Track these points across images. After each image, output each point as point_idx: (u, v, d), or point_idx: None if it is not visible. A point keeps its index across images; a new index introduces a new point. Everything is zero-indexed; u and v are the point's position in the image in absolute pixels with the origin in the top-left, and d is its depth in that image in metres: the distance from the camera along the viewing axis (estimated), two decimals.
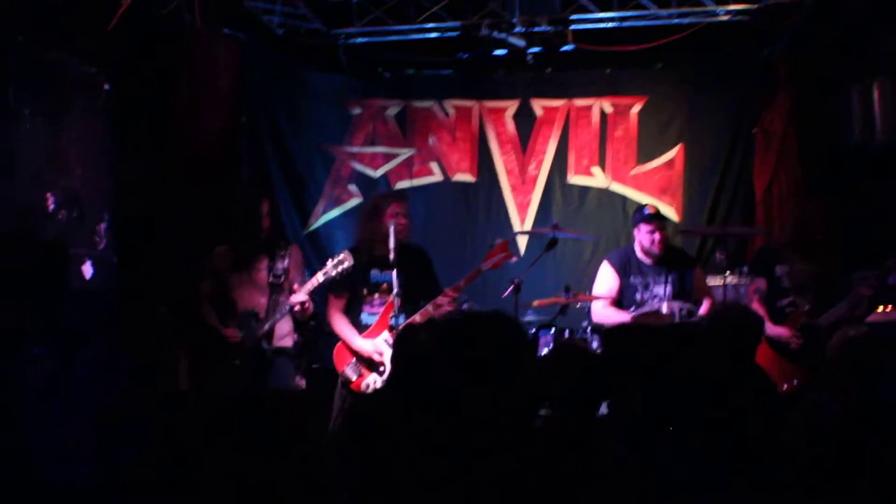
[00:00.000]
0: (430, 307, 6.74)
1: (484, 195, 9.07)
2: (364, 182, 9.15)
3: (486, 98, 9.10)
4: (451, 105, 9.12)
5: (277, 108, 9.08)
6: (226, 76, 8.52)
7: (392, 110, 9.18)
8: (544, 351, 7.20)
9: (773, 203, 8.49)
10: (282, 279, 6.81)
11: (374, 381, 6.75)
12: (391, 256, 6.56)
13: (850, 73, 8.14)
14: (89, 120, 7.34)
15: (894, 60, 7.78)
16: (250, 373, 6.62)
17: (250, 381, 6.61)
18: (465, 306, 7.75)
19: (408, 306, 6.75)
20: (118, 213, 7.41)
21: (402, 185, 9.09)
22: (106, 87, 7.45)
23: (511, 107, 9.05)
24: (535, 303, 7.37)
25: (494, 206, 9.03)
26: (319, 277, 6.66)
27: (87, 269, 7.09)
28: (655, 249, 7.23)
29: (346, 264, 6.63)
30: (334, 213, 9.15)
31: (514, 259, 7.31)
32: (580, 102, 8.96)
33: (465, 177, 9.10)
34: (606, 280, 7.44)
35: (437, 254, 7.42)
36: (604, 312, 7.31)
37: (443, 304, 6.78)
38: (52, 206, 6.88)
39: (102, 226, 7.27)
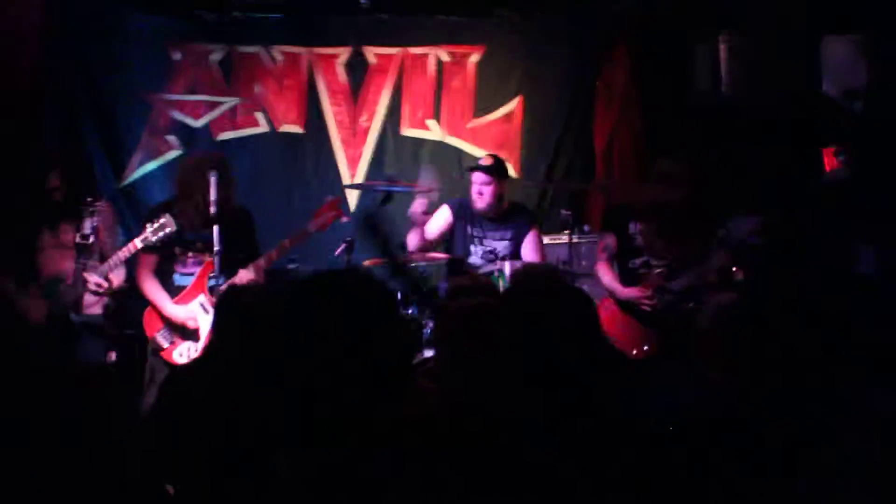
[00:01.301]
0: (250, 268, 6.17)
1: (312, 148, 8.51)
2: (184, 132, 8.48)
3: (316, 44, 8.52)
4: (279, 51, 8.52)
5: (90, 50, 8.33)
6: (28, 11, 7.76)
7: (215, 56, 8.51)
8: None
9: (613, 159, 8.18)
10: (90, 240, 6.16)
11: (188, 349, 6.18)
12: (211, 211, 5.97)
13: (696, 26, 7.86)
14: None
15: (740, 14, 7.57)
16: (54, 349, 5.96)
17: (54, 357, 5.86)
18: (291, 267, 7.25)
19: (226, 269, 6.12)
20: None
21: (225, 135, 8.48)
22: None
23: (343, 54, 8.49)
24: (367, 262, 6.89)
25: (324, 160, 8.47)
26: (137, 244, 6.04)
27: None
28: (481, 203, 6.83)
29: (167, 229, 6.03)
30: (151, 165, 8.43)
31: (346, 219, 6.81)
32: (416, 51, 8.48)
33: (293, 128, 8.51)
34: (438, 219, 7.02)
35: (263, 211, 6.93)
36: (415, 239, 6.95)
37: (264, 265, 6.25)
38: None
39: None
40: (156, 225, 6.02)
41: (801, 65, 7.31)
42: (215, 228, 5.95)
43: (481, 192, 6.85)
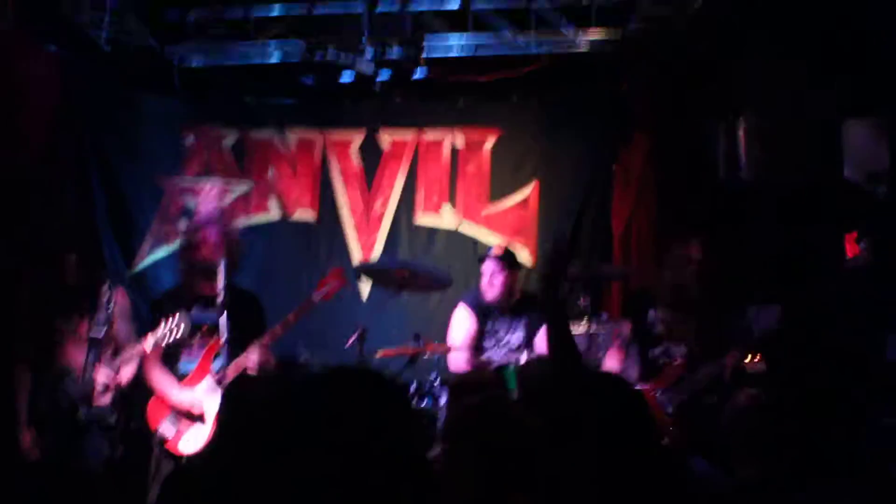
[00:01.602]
0: (255, 346, 6.06)
1: (326, 234, 8.37)
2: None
3: (330, 128, 8.44)
4: (292, 135, 8.44)
5: (105, 133, 8.28)
6: (45, 95, 7.68)
7: (228, 140, 8.45)
8: None
9: (631, 244, 7.96)
10: (103, 331, 6.06)
11: (195, 437, 6.02)
12: (219, 292, 5.84)
13: (713, 108, 7.76)
14: None
15: (758, 95, 7.45)
16: (59, 451, 5.90)
17: (59, 459, 5.89)
18: (303, 357, 7.10)
19: (232, 350, 6.00)
20: None
21: (239, 222, 8.27)
22: None
23: (357, 139, 8.39)
24: (380, 353, 6.65)
25: (337, 246, 8.31)
26: (150, 342, 5.93)
27: None
28: (491, 294, 6.71)
29: (182, 329, 5.93)
30: (161, 252, 8.28)
31: (347, 286, 6.74)
32: (430, 136, 8.36)
33: (306, 213, 8.39)
34: (463, 324, 6.90)
35: (275, 297, 6.85)
36: (459, 361, 6.77)
37: (268, 341, 6.13)
38: None
39: None
40: (170, 324, 5.91)
41: (822, 148, 7.18)
42: (224, 314, 5.81)
43: (492, 282, 6.75)
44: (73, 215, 8.12)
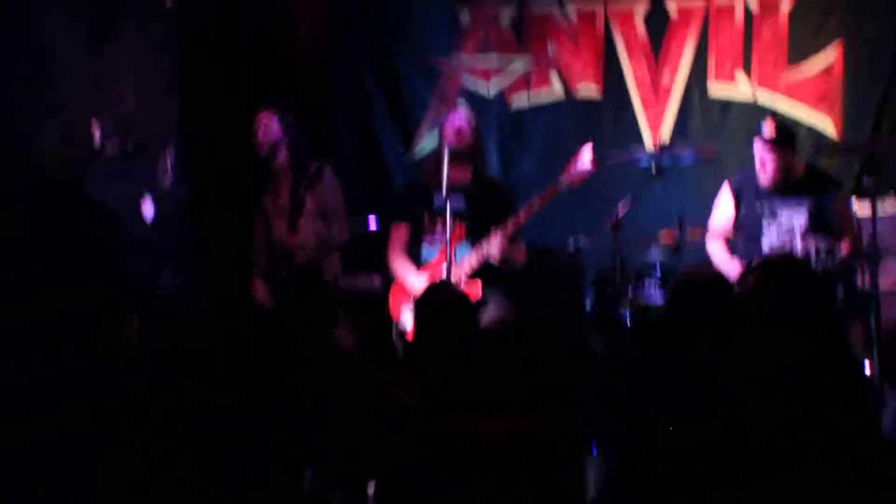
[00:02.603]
0: (497, 234, 5.96)
1: (611, 111, 7.97)
2: (474, 100, 8.11)
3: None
4: (572, 7, 7.99)
5: (374, 15, 8.17)
6: None
7: (506, 16, 8.10)
8: None
9: None
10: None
11: None
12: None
13: None
14: (146, 38, 6.50)
15: None
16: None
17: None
18: (571, 242, 6.79)
19: (473, 238, 6.03)
20: (188, 144, 6.57)
21: (519, 101, 8.09)
22: (167, 4, 6.61)
23: (641, 8, 7.86)
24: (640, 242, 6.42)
25: (623, 123, 7.89)
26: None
27: (148, 210, 6.23)
28: (764, 177, 6.18)
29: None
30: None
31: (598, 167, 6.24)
32: (721, 1, 7.74)
33: (590, 88, 7.99)
34: (722, 209, 6.44)
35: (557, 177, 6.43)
36: (716, 255, 6.33)
37: (511, 229, 5.99)
38: (98, 138, 6.05)
39: (168, 159, 6.38)
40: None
41: None
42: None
43: (764, 166, 6.19)
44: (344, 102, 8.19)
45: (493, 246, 5.90)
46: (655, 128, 7.83)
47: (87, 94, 6.20)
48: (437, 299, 4.14)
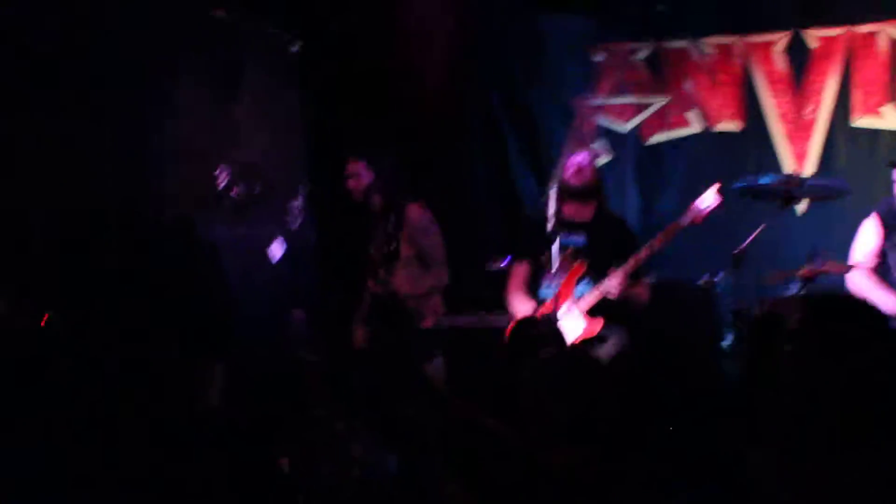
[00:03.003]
0: (617, 272, 5.83)
1: (753, 145, 7.79)
2: (611, 138, 8.09)
3: (749, 32, 7.79)
4: (709, 43, 7.88)
5: (510, 57, 8.20)
6: (444, 20, 7.67)
7: (641, 54, 8.04)
8: None
9: None
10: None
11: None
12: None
13: None
14: (272, 85, 6.63)
15: None
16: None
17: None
18: (705, 277, 6.65)
19: (594, 275, 5.94)
20: (316, 187, 6.67)
21: (657, 138, 8.01)
22: (293, 48, 6.73)
23: (780, 40, 7.71)
24: (775, 275, 6.14)
25: (766, 158, 7.69)
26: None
27: (277, 249, 6.34)
28: None
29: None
30: None
31: (722, 206, 6.00)
32: (862, 29, 7.51)
33: (730, 125, 7.85)
34: (866, 237, 6.07)
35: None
36: (860, 283, 5.93)
37: (631, 267, 5.82)
38: (222, 183, 6.19)
39: (298, 201, 6.51)
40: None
41: None
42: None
43: None
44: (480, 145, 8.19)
45: (613, 283, 5.80)
46: (801, 160, 7.63)
47: (213, 140, 6.33)
48: (523, 333, 4.14)
